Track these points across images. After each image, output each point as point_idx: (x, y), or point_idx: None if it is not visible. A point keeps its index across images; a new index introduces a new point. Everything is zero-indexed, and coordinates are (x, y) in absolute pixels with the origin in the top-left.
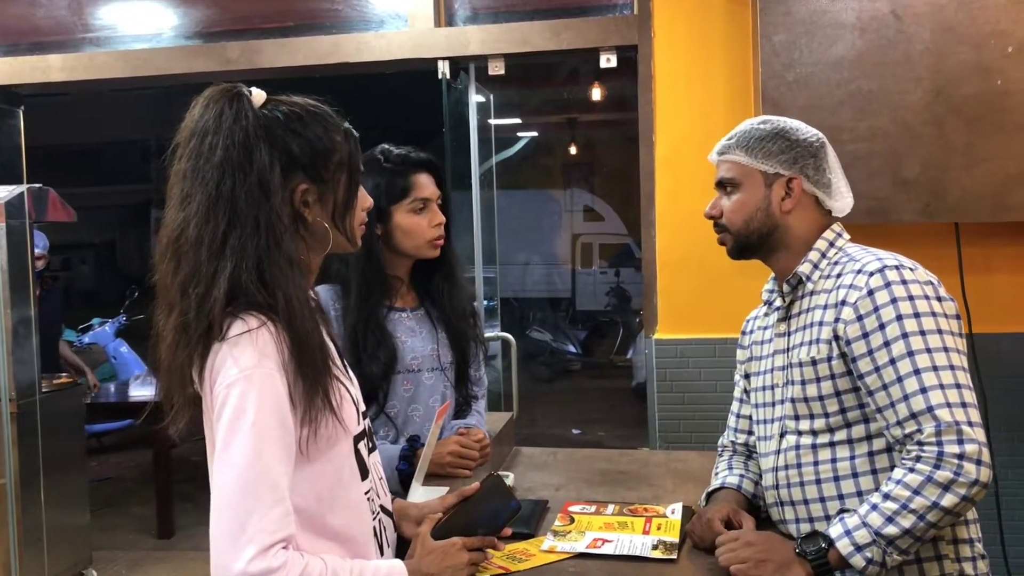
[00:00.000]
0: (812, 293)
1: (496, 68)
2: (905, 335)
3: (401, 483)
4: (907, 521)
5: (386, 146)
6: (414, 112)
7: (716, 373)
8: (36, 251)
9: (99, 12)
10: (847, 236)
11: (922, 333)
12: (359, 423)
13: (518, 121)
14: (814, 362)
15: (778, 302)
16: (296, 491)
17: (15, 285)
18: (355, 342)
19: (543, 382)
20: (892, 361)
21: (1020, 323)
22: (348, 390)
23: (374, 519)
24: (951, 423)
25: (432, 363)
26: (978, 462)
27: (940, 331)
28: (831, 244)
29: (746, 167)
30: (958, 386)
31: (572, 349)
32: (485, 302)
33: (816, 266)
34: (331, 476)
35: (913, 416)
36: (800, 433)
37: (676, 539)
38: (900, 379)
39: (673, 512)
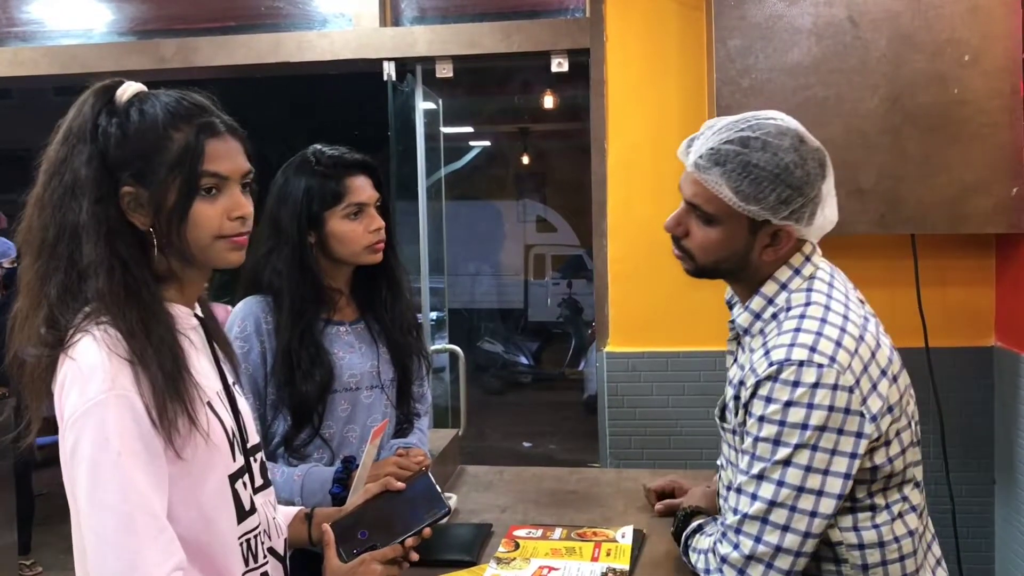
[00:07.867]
0: (762, 332)
1: (444, 71)
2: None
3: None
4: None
5: (318, 147)
6: (371, 116)
7: (668, 387)
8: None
9: (27, 6)
10: (813, 264)
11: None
12: (236, 459)
13: (470, 130)
14: (735, 410)
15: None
16: (173, 515)
17: None
18: (288, 360)
19: (494, 394)
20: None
21: (976, 337)
22: (222, 420)
23: (257, 567)
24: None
25: (371, 380)
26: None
27: (815, 447)
28: (783, 287)
29: (731, 208)
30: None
31: (524, 361)
32: (433, 314)
33: (759, 316)
34: (207, 499)
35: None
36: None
37: (627, 566)
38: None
39: (623, 536)
